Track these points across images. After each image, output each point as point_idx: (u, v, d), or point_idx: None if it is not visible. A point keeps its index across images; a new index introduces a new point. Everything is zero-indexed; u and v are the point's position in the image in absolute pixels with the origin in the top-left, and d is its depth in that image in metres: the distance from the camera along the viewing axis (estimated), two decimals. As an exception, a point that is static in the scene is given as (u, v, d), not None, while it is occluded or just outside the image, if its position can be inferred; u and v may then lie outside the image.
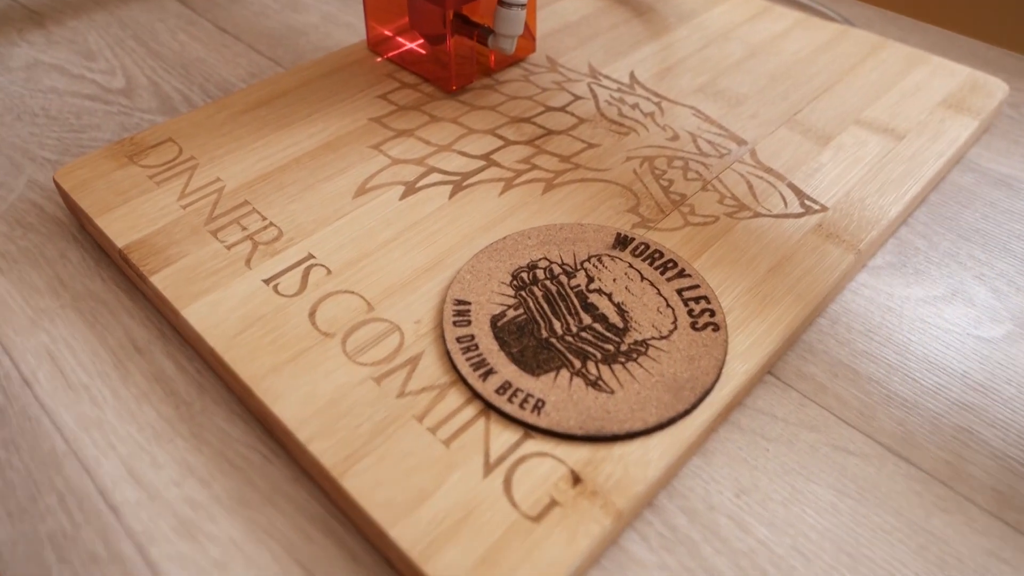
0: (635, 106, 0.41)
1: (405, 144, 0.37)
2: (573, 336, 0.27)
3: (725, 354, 0.27)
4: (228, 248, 0.32)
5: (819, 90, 0.42)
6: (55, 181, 0.36)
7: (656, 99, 0.41)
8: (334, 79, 0.43)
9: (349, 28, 0.53)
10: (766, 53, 0.46)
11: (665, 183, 0.35)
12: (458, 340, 0.27)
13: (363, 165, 0.36)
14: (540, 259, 0.30)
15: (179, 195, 0.35)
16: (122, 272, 0.34)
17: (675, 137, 0.38)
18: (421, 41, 0.43)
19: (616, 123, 0.39)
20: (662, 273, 0.30)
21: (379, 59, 0.44)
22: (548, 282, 0.29)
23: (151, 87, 0.48)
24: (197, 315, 0.29)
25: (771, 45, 0.46)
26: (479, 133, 0.38)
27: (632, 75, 0.43)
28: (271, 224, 0.33)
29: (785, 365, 0.29)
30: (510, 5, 0.38)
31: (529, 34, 0.44)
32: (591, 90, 0.42)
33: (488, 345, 0.27)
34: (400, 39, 0.44)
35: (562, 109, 0.40)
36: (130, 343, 0.31)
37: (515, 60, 0.44)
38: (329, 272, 0.30)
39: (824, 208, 0.34)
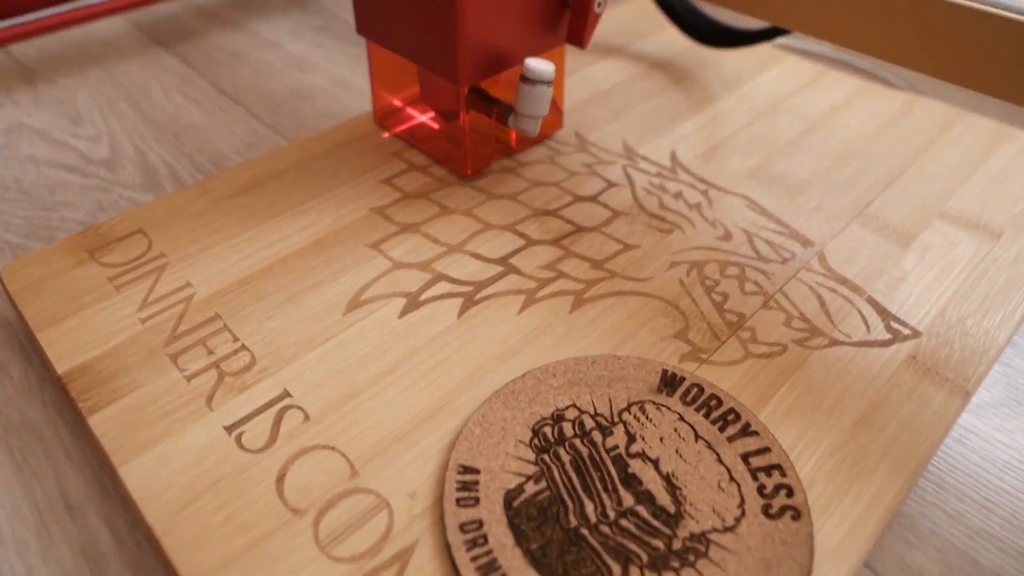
0: (679, 195, 0.35)
1: (410, 242, 0.32)
2: (610, 525, 0.21)
3: (811, 555, 0.20)
4: (188, 379, 0.26)
5: (892, 175, 0.36)
6: (0, 279, 0.31)
7: (702, 186, 0.36)
8: (334, 158, 0.37)
9: (359, 92, 0.48)
10: (826, 128, 0.40)
11: (718, 298, 0.29)
12: (462, 528, 0.21)
13: (359, 269, 0.31)
14: (568, 407, 0.24)
15: (140, 304, 0.29)
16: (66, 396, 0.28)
17: (727, 236, 0.32)
18: (433, 114, 0.37)
19: (657, 217, 0.33)
20: (721, 429, 0.24)
21: (386, 134, 0.39)
22: (578, 441, 0.23)
23: (137, 158, 0.43)
24: (138, 476, 0.23)
25: (830, 119, 0.41)
26: (497, 229, 0.33)
27: (673, 156, 0.38)
28: (243, 347, 0.27)
29: (883, 552, 0.23)
30: (534, 82, 0.32)
31: (556, 108, 0.39)
32: (627, 174, 0.36)
33: (500, 536, 0.21)
34: (411, 110, 0.39)
35: (594, 199, 0.35)
36: (61, 497, 0.25)
37: (540, 138, 0.39)
38: (307, 418, 0.25)
39: (916, 333, 0.28)
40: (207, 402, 0.25)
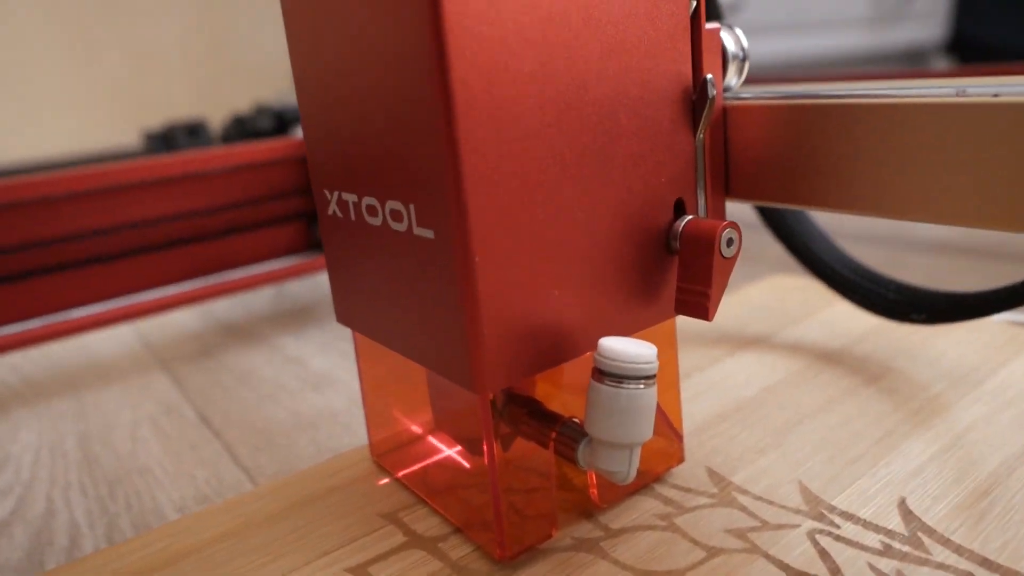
0: (948, 601, 0.16)
1: None
2: None
3: None
4: None
5: None
6: None
7: (990, 575, 0.17)
8: (291, 523, 0.22)
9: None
10: None
11: None
12: None
13: None
14: None
15: None
16: None
17: None
18: (459, 448, 0.22)
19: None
20: None
21: (384, 480, 0.24)
22: None
23: (41, 520, 0.29)
24: None
25: None
26: None
27: (906, 509, 0.20)
28: None
29: None
30: (619, 379, 0.17)
31: (669, 428, 0.22)
32: (821, 550, 0.18)
33: None
34: (432, 440, 0.23)
35: (764, 613, 0.17)
36: None
37: (646, 479, 0.22)
38: None
39: None
40: None
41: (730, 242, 0.19)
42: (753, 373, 0.28)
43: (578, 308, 0.19)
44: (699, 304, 0.19)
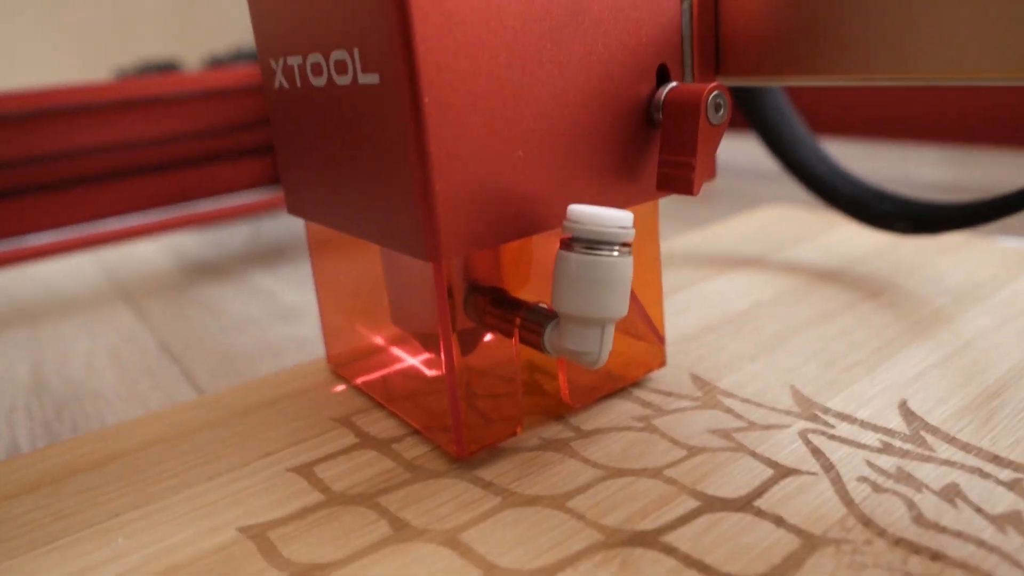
0: (952, 492, 0.15)
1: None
2: None
3: None
4: None
5: None
6: None
7: (1004, 471, 0.15)
8: (233, 429, 0.20)
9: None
10: None
11: None
12: None
13: None
14: None
15: None
16: None
17: None
18: (427, 356, 0.20)
19: (914, 548, 0.13)
20: None
21: (341, 387, 0.22)
22: None
23: (-16, 442, 0.27)
24: None
25: None
26: (504, 586, 0.13)
27: (907, 410, 0.18)
28: None
29: None
30: (592, 245, 0.15)
31: (649, 328, 0.20)
32: (814, 449, 0.16)
33: None
34: (393, 349, 0.21)
35: (747, 505, 0.15)
36: None
37: (623, 383, 0.20)
38: None
39: None
40: None
41: (718, 107, 0.17)
42: (745, 289, 0.26)
43: (546, 176, 0.17)
44: (683, 177, 0.17)
